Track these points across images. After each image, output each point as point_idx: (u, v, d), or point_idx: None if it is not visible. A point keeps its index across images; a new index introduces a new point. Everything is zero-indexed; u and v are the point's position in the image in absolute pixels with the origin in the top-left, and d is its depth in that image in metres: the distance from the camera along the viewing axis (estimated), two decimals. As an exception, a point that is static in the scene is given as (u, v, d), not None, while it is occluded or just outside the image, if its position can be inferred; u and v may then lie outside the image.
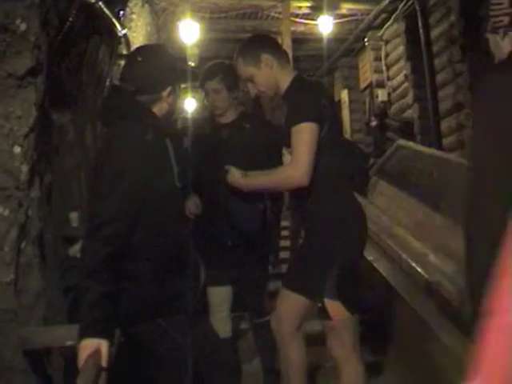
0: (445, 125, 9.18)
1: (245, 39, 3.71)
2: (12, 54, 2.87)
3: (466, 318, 2.47)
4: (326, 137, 3.26)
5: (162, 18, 10.66)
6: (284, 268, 5.78)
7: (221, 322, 4.21)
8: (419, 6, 9.55)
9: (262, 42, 3.54)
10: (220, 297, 4.23)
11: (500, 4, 2.00)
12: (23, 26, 2.88)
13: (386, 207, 6.56)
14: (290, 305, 3.56)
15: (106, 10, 5.50)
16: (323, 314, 3.30)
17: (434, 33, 9.39)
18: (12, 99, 2.93)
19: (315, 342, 4.06)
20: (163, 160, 2.81)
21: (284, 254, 6.60)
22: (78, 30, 4.88)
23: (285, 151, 3.40)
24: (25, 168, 2.98)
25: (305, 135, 3.18)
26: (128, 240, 2.61)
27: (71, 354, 3.34)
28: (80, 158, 5.53)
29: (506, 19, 1.97)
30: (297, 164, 3.17)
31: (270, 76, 3.41)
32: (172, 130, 3.06)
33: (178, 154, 2.94)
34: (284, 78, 3.42)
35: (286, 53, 3.80)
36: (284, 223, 8.06)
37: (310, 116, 3.19)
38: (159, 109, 2.84)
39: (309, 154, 3.15)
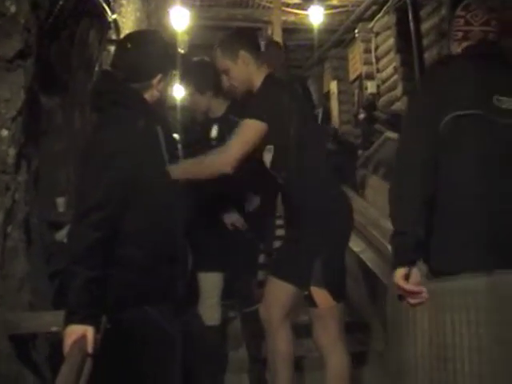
0: (433, 118, 9.19)
1: (227, 32, 3.85)
2: (1, 36, 2.83)
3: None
4: (301, 134, 3.36)
5: (153, 4, 10.57)
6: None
7: (210, 308, 4.20)
8: (410, -1, 9.56)
9: (243, 39, 3.62)
10: (211, 283, 4.22)
11: (458, 22, 2.81)
12: (13, 8, 2.85)
13: (373, 199, 6.58)
14: (278, 293, 3.57)
15: (96, -7, 5.46)
16: (310, 302, 3.35)
17: (425, 26, 9.41)
18: (0, 82, 2.89)
19: (301, 333, 4.09)
20: (154, 147, 2.80)
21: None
22: (68, 14, 4.83)
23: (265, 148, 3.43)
24: (12, 151, 2.95)
25: (247, 130, 3.29)
26: (116, 226, 2.60)
27: (56, 340, 3.34)
28: (68, 143, 5.49)
29: (459, 34, 2.83)
30: (226, 149, 3.28)
31: (244, 73, 3.50)
32: (163, 117, 3.03)
33: (169, 143, 2.93)
34: (257, 78, 3.51)
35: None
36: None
37: (259, 114, 3.28)
38: (150, 96, 2.82)
39: (242, 148, 3.23)
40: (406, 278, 2.46)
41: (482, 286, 2.40)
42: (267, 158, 3.41)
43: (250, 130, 3.28)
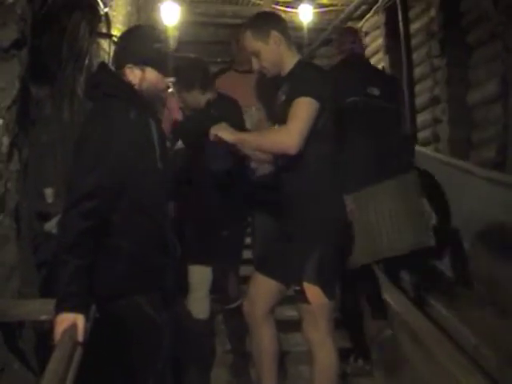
0: (420, 118, 9.24)
1: (255, 14, 3.74)
2: (-2, 25, 2.85)
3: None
4: (323, 127, 3.29)
5: (143, -1, 10.56)
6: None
7: (198, 301, 4.22)
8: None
9: (274, 20, 3.55)
10: (199, 276, 4.24)
11: (335, 42, 4.53)
12: (11, -2, 2.87)
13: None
14: (262, 288, 3.57)
15: (89, -15, 5.47)
16: (301, 297, 3.30)
17: (414, 26, 9.42)
18: (-4, 71, 2.91)
19: (285, 327, 4.11)
20: (146, 139, 2.82)
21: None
22: (60, 5, 4.84)
23: (276, 128, 3.44)
24: (6, 140, 2.97)
25: (305, 107, 3.20)
26: (107, 216, 2.62)
27: (42, 329, 3.36)
28: (56, 134, 5.49)
29: (337, 50, 4.86)
30: (291, 130, 3.18)
31: (276, 53, 3.42)
32: (156, 109, 3.06)
33: (161, 136, 2.95)
34: (288, 59, 3.44)
35: None
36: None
37: (314, 92, 3.21)
38: (139, 87, 2.85)
39: (304, 127, 3.17)
40: None
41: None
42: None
43: (308, 108, 3.20)
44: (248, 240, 4.89)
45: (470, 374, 3.54)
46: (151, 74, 2.88)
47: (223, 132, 3.33)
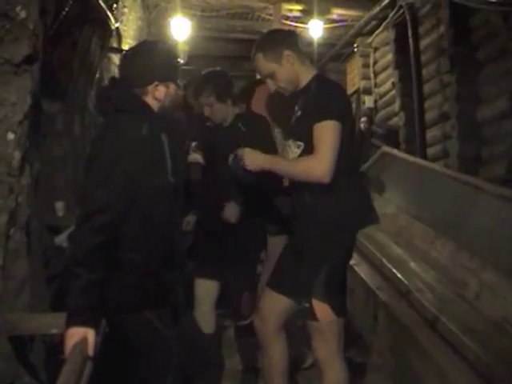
0: (430, 134, 9.25)
1: (264, 33, 3.69)
2: (10, 40, 2.86)
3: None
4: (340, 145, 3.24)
5: (154, 14, 10.63)
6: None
7: (203, 315, 4.22)
8: (409, 16, 9.61)
9: (284, 38, 3.46)
10: (204, 290, 4.23)
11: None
12: (23, 14, 2.88)
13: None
14: (274, 305, 3.54)
15: (100, 1, 5.51)
16: (310, 314, 3.26)
17: (423, 42, 9.47)
18: (8, 85, 2.92)
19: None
20: (158, 154, 2.82)
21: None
22: (72, 20, 4.88)
23: (291, 143, 3.37)
24: (17, 155, 2.98)
25: (330, 132, 3.15)
26: (119, 230, 2.63)
27: (52, 343, 3.37)
28: (67, 148, 5.53)
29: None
30: (322, 158, 3.13)
31: (291, 72, 3.36)
32: (169, 125, 3.06)
33: (173, 150, 2.95)
34: (304, 74, 3.39)
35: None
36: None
37: (335, 113, 3.17)
38: (150, 103, 2.86)
39: (333, 152, 3.13)
40: None
41: None
42: (293, 152, 3.33)
43: (333, 132, 3.15)
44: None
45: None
46: (173, 90, 2.91)
47: (252, 157, 3.33)
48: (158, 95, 2.85)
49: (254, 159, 3.32)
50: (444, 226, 5.41)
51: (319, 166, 3.13)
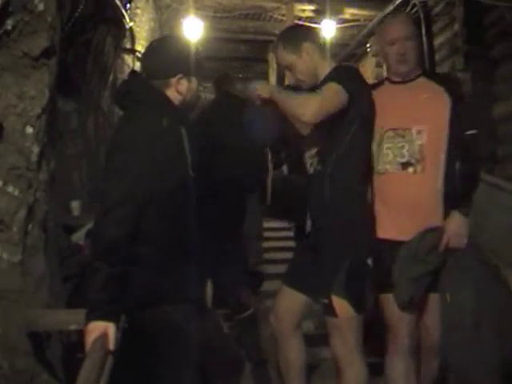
0: (444, 133, 9.21)
1: (285, 28, 3.74)
2: (28, 33, 2.82)
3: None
4: (352, 139, 3.23)
5: (166, 15, 10.64)
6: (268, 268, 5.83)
7: None
8: (423, 14, 9.56)
9: (304, 31, 3.53)
10: None
11: None
12: (41, 6, 2.84)
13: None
14: (289, 302, 3.54)
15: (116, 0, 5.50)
16: (329, 311, 3.23)
17: (438, 41, 9.41)
18: (26, 79, 2.88)
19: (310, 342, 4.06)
20: (177, 147, 2.79)
21: (282, 255, 6.57)
22: (86, 18, 4.87)
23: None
24: (36, 149, 2.95)
25: (332, 90, 3.16)
26: (138, 224, 2.60)
27: (68, 341, 3.35)
28: (82, 147, 5.52)
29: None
30: (317, 101, 3.12)
31: (309, 65, 3.38)
32: (188, 118, 3.04)
33: (192, 143, 2.93)
34: (323, 67, 3.39)
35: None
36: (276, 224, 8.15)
37: (345, 84, 3.16)
38: (170, 95, 2.83)
39: (327, 105, 3.12)
40: None
41: None
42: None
43: (335, 91, 3.14)
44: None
45: None
46: (195, 85, 2.90)
47: (264, 86, 3.40)
48: (180, 88, 2.84)
49: (264, 87, 3.35)
50: None
51: (312, 105, 3.11)
